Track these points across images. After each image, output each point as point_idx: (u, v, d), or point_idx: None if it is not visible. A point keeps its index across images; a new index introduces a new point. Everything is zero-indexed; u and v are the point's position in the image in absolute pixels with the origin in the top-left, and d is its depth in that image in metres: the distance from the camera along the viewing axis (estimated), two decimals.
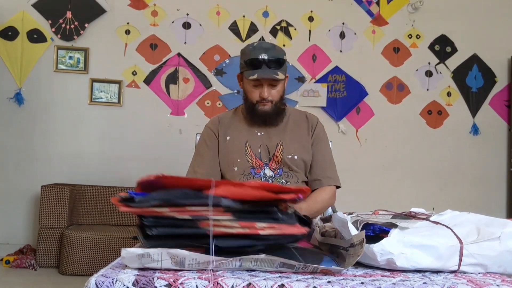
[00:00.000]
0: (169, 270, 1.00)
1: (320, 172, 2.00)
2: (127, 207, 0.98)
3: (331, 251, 1.21)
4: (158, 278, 0.94)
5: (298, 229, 1.00)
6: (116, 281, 0.94)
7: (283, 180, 1.91)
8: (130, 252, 0.99)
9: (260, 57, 1.85)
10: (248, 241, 0.98)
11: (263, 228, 0.97)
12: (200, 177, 1.88)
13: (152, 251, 0.98)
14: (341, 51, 4.62)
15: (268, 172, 1.92)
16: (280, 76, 1.87)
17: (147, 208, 0.97)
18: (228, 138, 1.99)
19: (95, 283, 0.93)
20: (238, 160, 1.94)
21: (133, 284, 0.94)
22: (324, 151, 2.04)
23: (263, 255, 1.02)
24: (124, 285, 0.94)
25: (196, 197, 0.97)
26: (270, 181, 1.91)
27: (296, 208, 1.71)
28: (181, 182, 1.01)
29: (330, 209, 2.23)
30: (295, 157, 1.95)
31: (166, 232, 0.98)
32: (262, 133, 1.98)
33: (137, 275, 0.96)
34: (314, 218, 1.85)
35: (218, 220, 0.96)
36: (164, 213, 0.97)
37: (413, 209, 1.37)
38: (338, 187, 2.05)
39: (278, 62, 1.86)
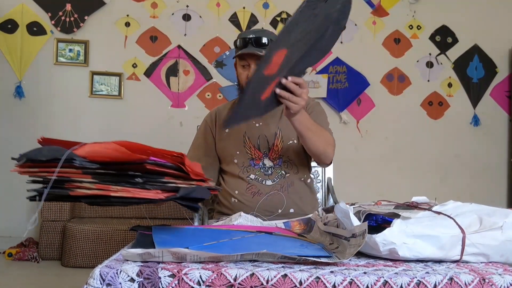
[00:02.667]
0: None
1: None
2: (16, 168, 1.09)
3: (332, 240, 1.21)
4: (162, 269, 0.95)
5: (154, 194, 1.03)
6: (120, 272, 0.94)
7: (283, 171, 1.90)
8: (130, 253, 0.99)
9: (247, 37, 1.85)
10: (101, 200, 1.03)
11: (117, 190, 1.02)
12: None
13: (152, 251, 0.99)
14: (341, 42, 4.61)
15: (268, 163, 1.90)
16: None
17: (25, 169, 1.06)
18: (227, 130, 1.98)
19: (100, 274, 0.94)
20: (238, 153, 1.92)
21: (137, 275, 0.94)
22: (318, 118, 1.92)
23: (264, 250, 1.03)
24: (128, 276, 0.94)
25: (58, 154, 1.03)
26: (270, 172, 1.89)
27: (297, 116, 1.63)
28: (57, 143, 1.10)
29: (332, 200, 2.23)
30: (295, 141, 1.93)
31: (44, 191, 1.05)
32: (260, 123, 1.95)
33: (141, 266, 0.96)
34: (309, 140, 1.75)
35: (80, 181, 1.02)
36: (36, 174, 1.05)
37: (415, 198, 1.37)
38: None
39: (264, 41, 1.84)
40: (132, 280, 0.94)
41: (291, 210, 1.86)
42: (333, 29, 1.45)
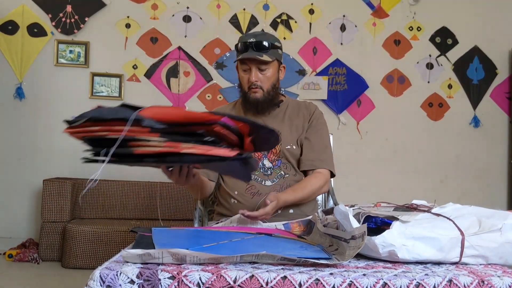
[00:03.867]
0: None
1: (312, 154, 1.93)
2: (68, 129, 1.05)
3: (332, 242, 1.22)
4: (161, 271, 0.95)
5: (224, 152, 1.03)
6: (120, 274, 0.95)
7: (282, 172, 1.90)
8: (130, 253, 1.00)
9: (247, 41, 1.86)
10: (170, 158, 1.02)
11: (188, 147, 1.00)
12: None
13: (152, 251, 0.99)
14: (341, 43, 4.61)
15: (267, 163, 1.91)
16: (265, 58, 1.85)
17: (82, 128, 1.01)
18: None
19: (100, 276, 0.94)
20: None
21: (137, 277, 0.95)
22: (320, 135, 1.97)
23: (264, 252, 1.03)
24: (128, 278, 0.95)
25: (122, 114, 0.99)
26: (269, 172, 1.89)
27: (281, 198, 1.72)
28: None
29: (332, 202, 2.23)
30: (294, 147, 1.93)
31: (101, 151, 1.03)
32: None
33: (141, 268, 0.96)
34: (303, 203, 1.88)
35: (146, 140, 0.99)
36: (96, 134, 1.01)
37: (415, 201, 1.37)
38: (332, 175, 1.99)
39: (264, 45, 1.85)
40: (132, 282, 0.94)
41: (291, 211, 1.86)
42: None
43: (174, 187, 4.11)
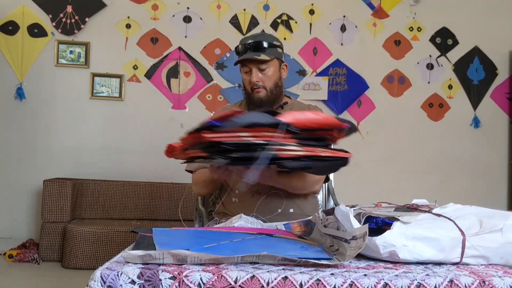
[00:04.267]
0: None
1: None
2: (212, 133, 1.07)
3: (333, 242, 1.21)
4: (162, 271, 0.95)
5: (347, 154, 1.18)
6: (121, 274, 0.95)
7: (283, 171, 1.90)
8: (131, 254, 1.00)
9: (246, 43, 1.88)
10: (309, 162, 1.14)
11: (324, 151, 1.14)
12: (197, 166, 1.90)
13: (153, 252, 0.99)
14: (342, 44, 4.61)
15: None
16: (263, 57, 1.86)
17: (231, 133, 1.07)
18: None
19: (101, 276, 0.94)
20: None
21: (138, 277, 0.95)
22: None
23: (265, 252, 1.03)
24: (129, 278, 0.94)
25: (272, 120, 1.08)
26: None
27: (273, 178, 1.70)
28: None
29: (332, 202, 2.23)
30: None
31: (244, 155, 1.09)
32: None
33: (142, 268, 0.96)
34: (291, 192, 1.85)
35: (285, 144, 1.09)
36: (242, 138, 1.07)
37: (415, 201, 1.37)
38: (327, 179, 1.99)
39: (262, 45, 1.87)
40: (133, 282, 0.94)
41: (291, 210, 1.86)
42: None
43: (174, 188, 4.11)
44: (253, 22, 4.50)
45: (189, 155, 1.27)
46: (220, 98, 4.45)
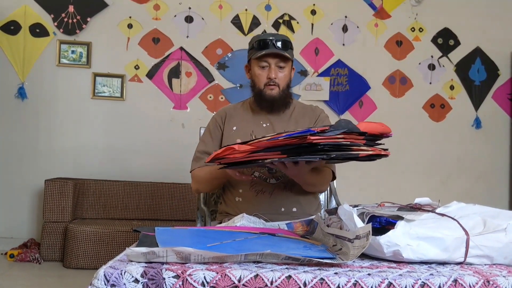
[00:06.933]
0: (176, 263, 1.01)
1: None
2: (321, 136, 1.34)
3: (336, 242, 1.21)
4: (166, 270, 0.95)
5: (387, 152, 1.47)
6: (124, 273, 0.94)
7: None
8: (135, 252, 0.99)
9: (267, 38, 1.90)
10: (374, 156, 1.45)
11: (380, 150, 1.47)
12: (204, 162, 1.91)
13: (157, 249, 0.99)
14: (343, 44, 4.61)
15: None
16: (287, 54, 1.89)
17: (334, 136, 1.37)
18: (234, 128, 2.00)
19: (104, 275, 0.94)
20: None
21: (142, 276, 0.94)
22: None
23: (268, 251, 1.03)
24: (132, 277, 0.94)
25: (356, 130, 1.45)
26: (274, 170, 1.88)
27: (307, 173, 1.75)
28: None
29: (334, 202, 2.23)
30: None
31: (339, 155, 1.39)
32: (268, 124, 1.98)
33: (145, 267, 0.96)
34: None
35: (359, 145, 1.42)
36: (336, 140, 1.37)
37: (418, 200, 1.37)
38: (334, 177, 2.01)
39: (285, 43, 1.90)
40: (137, 281, 0.94)
41: (294, 209, 1.86)
42: None
43: (175, 188, 4.11)
44: (255, 23, 4.50)
45: (252, 157, 1.44)
46: (222, 98, 4.45)
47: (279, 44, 1.88)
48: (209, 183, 1.94)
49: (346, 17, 4.60)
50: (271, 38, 1.89)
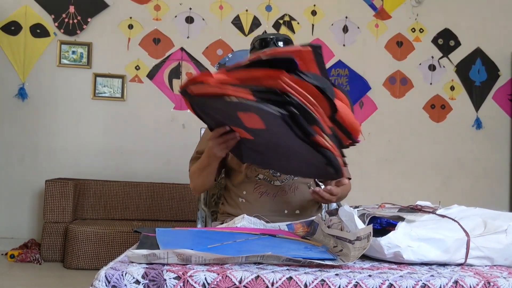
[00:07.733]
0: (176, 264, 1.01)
1: None
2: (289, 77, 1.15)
3: (336, 243, 1.21)
4: (167, 271, 0.95)
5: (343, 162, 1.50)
6: (125, 274, 0.94)
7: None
8: (136, 254, 1.00)
9: (268, 37, 1.88)
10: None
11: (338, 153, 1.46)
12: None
13: (158, 251, 0.99)
14: (344, 45, 4.61)
15: None
16: None
17: (300, 88, 1.16)
18: None
19: (105, 276, 0.94)
20: None
21: (143, 277, 0.94)
22: None
23: (269, 252, 1.03)
24: (133, 278, 0.94)
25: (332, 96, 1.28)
26: (278, 173, 1.89)
27: (332, 191, 1.73)
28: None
29: (334, 203, 2.22)
30: None
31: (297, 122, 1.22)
32: None
33: (146, 268, 0.96)
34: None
35: (323, 130, 1.31)
36: (308, 99, 1.19)
37: (419, 202, 1.37)
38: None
39: (287, 43, 1.88)
40: (138, 282, 0.94)
41: (297, 212, 1.86)
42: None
43: (175, 188, 4.11)
44: (255, 23, 4.50)
45: (225, 92, 1.20)
46: None
47: (280, 43, 1.87)
48: (200, 177, 1.85)
49: (346, 17, 4.61)
50: (272, 37, 1.88)
